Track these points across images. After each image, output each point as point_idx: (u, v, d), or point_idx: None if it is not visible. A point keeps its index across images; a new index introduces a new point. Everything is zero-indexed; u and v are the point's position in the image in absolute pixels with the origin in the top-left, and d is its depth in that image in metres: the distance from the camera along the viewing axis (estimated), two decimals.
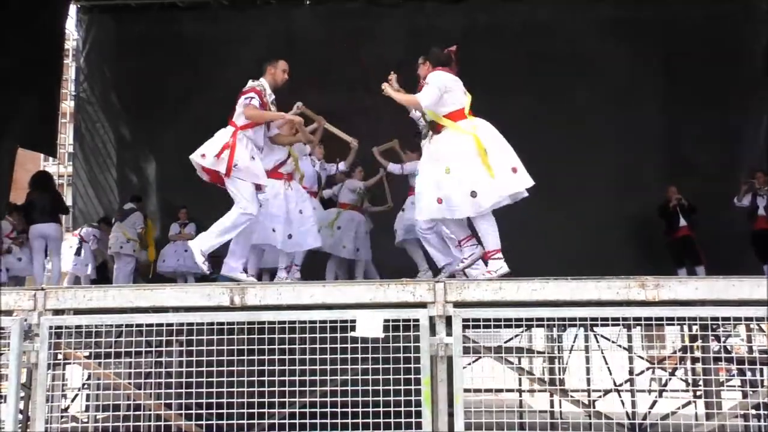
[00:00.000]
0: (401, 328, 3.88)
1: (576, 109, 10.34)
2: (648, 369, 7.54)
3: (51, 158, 13.99)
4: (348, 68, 10.56)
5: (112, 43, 11.52)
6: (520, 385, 8.04)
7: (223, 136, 5.41)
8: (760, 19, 10.53)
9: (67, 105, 12.44)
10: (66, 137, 12.88)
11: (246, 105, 5.43)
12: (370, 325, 3.80)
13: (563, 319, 3.96)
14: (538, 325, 6.97)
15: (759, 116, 10.62)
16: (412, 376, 3.78)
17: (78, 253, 10.16)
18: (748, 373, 5.17)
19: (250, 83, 5.61)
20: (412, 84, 5.28)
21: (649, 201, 9.92)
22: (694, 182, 9.83)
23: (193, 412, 4.43)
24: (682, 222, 9.59)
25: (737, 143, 10.52)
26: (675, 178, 10.03)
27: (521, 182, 4.87)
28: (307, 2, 11.41)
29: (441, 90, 4.92)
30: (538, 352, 8.42)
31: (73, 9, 11.48)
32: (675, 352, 7.24)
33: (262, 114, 5.48)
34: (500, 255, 4.94)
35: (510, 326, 3.93)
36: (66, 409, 6.43)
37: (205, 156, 5.34)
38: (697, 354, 5.51)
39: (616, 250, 9.80)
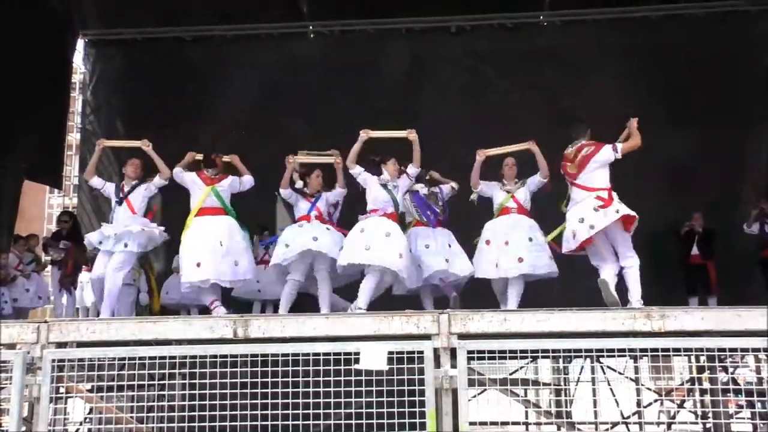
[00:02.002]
0: (405, 360, 3.85)
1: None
2: (656, 401, 7.44)
3: (56, 190, 14.07)
4: (351, 97, 10.66)
5: (118, 75, 11.63)
6: (526, 417, 7.96)
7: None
8: (762, 42, 10.58)
9: (73, 137, 12.53)
10: (71, 169, 12.96)
11: None
12: (374, 358, 3.78)
13: (569, 351, 3.93)
14: (543, 357, 6.92)
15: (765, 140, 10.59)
16: (417, 409, 3.74)
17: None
18: (758, 405, 5.10)
19: None
20: None
21: (654, 226, 9.82)
22: (704, 208, 9.73)
23: None
24: (695, 250, 9.45)
25: (745, 167, 10.46)
26: (681, 203, 9.96)
27: (195, 274, 6.12)
28: (311, 35, 11.53)
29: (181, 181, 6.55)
30: (545, 384, 8.34)
31: (80, 43, 11.63)
32: (683, 384, 7.15)
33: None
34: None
35: (515, 358, 3.89)
36: None
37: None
38: (706, 385, 5.45)
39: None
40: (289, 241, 6.39)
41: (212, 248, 6.15)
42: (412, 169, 6.41)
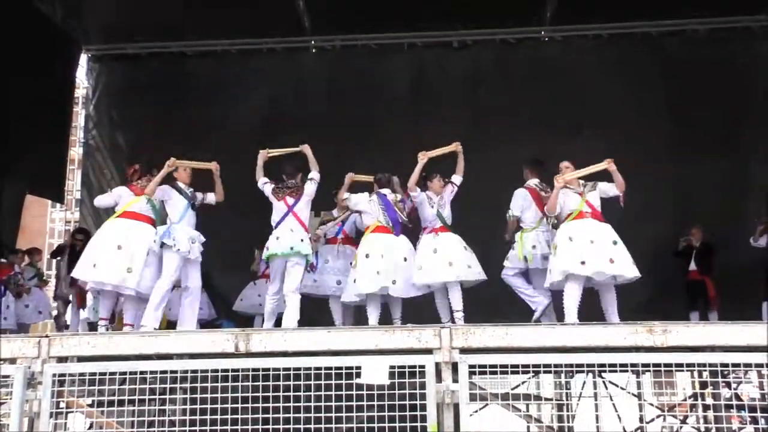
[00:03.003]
0: (407, 374, 3.84)
1: (582, 150, 10.30)
2: (659, 416, 7.40)
3: (58, 204, 14.07)
4: (354, 112, 10.70)
5: (121, 90, 11.68)
6: None
7: None
8: (764, 58, 10.61)
9: (76, 152, 12.56)
10: (74, 183, 12.99)
11: None
12: (375, 372, 3.77)
13: (571, 365, 3.92)
14: (545, 371, 6.89)
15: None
16: (419, 424, 3.73)
17: None
18: (761, 421, 5.07)
19: None
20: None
21: (654, 240, 9.79)
22: (705, 222, 9.69)
23: None
24: (692, 265, 9.40)
25: (747, 182, 10.45)
26: (682, 217, 9.93)
27: (90, 274, 6.24)
28: (313, 50, 11.60)
29: None
30: (546, 399, 8.29)
31: (83, 58, 11.70)
32: (686, 399, 7.11)
33: None
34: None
35: (517, 372, 3.88)
36: None
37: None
38: (709, 401, 5.42)
39: (627, 293, 9.63)
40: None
41: (109, 250, 6.10)
42: (457, 178, 6.78)
